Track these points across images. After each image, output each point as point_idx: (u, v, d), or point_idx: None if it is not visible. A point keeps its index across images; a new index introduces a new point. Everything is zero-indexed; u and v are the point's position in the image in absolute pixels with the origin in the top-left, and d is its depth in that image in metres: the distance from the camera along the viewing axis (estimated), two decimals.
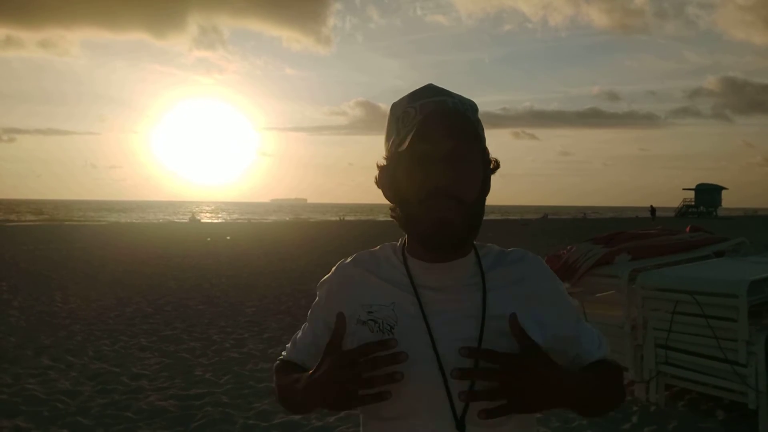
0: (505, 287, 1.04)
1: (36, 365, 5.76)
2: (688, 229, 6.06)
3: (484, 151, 1.03)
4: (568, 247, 5.08)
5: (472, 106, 1.01)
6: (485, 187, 1.04)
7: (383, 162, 1.06)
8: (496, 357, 0.91)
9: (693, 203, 65.38)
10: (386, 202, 1.08)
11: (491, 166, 1.05)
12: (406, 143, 0.97)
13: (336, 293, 1.12)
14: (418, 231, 1.01)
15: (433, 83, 1.04)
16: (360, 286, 1.08)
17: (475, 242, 1.09)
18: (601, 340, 1.14)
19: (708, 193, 64.47)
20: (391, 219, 1.07)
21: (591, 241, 5.17)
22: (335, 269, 1.16)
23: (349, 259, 1.15)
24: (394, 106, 1.03)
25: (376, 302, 1.05)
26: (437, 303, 1.02)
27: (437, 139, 0.96)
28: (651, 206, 54.63)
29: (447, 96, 1.00)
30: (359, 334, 1.04)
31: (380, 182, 1.07)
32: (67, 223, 44.88)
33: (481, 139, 1.02)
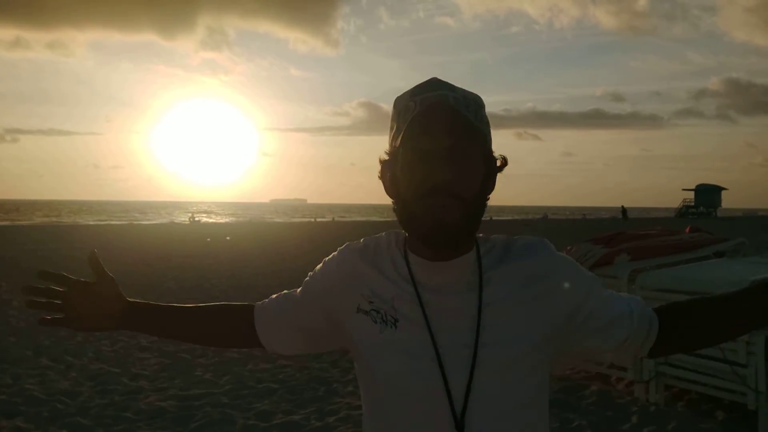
0: (505, 287, 1.01)
1: (36, 365, 5.76)
2: (687, 230, 6.06)
3: (487, 148, 1.00)
4: (568, 248, 5.08)
5: (476, 101, 0.98)
6: (487, 185, 1.00)
7: (385, 157, 1.04)
8: None
9: (693, 203, 65.35)
10: (387, 203, 1.06)
11: (498, 164, 1.02)
12: (401, 137, 0.96)
13: (337, 280, 1.10)
14: (416, 230, 0.98)
15: (438, 77, 1.01)
16: (361, 276, 1.07)
17: (479, 235, 1.06)
18: (633, 313, 1.06)
19: (708, 194, 64.43)
20: (391, 220, 1.06)
21: (591, 242, 5.17)
22: (340, 253, 1.13)
23: (354, 245, 1.13)
24: (397, 100, 1.01)
25: (376, 294, 1.04)
26: (437, 303, 1.00)
27: (435, 134, 0.93)
28: (622, 206, 55.49)
29: (449, 90, 0.96)
30: (361, 323, 1.04)
31: (382, 177, 1.05)
32: (69, 223, 44.88)
33: (483, 135, 0.98)
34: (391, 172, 1.02)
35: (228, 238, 26.52)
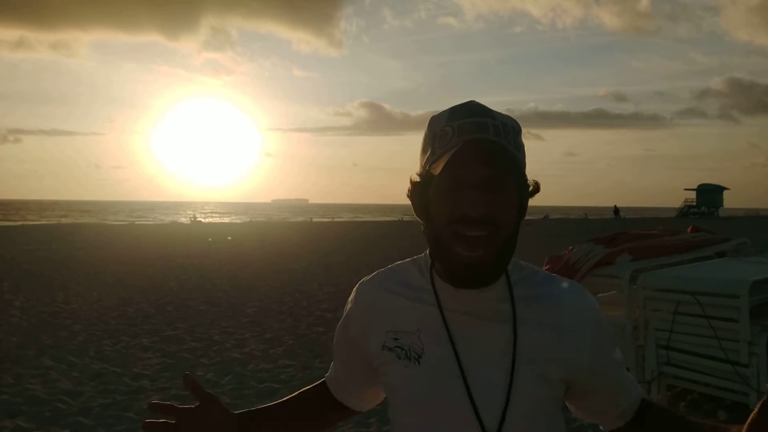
0: (538, 325, 0.99)
1: (37, 365, 5.77)
2: (689, 230, 6.05)
3: (521, 175, 0.97)
4: (570, 248, 5.08)
5: (513, 128, 0.97)
6: (521, 212, 0.98)
7: (416, 178, 1.00)
8: None
9: (694, 203, 65.28)
10: (388, 203, 1.04)
11: (530, 190, 1.00)
12: (440, 167, 0.92)
13: (362, 323, 1.08)
14: (443, 262, 0.96)
15: (476, 100, 0.99)
16: (384, 310, 1.04)
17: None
18: (631, 390, 1.10)
19: (709, 194, 64.34)
20: (393, 220, 1.05)
21: (592, 242, 5.16)
22: (356, 294, 1.11)
23: (369, 280, 1.11)
24: (433, 121, 0.99)
25: (402, 328, 1.02)
26: (466, 331, 0.98)
27: (472, 166, 0.91)
28: (615, 206, 57.22)
29: (488, 117, 0.94)
30: (386, 359, 1.02)
31: (411, 197, 1.02)
32: (71, 223, 44.94)
33: (519, 163, 0.96)
34: (422, 194, 0.99)
35: (229, 238, 26.54)
